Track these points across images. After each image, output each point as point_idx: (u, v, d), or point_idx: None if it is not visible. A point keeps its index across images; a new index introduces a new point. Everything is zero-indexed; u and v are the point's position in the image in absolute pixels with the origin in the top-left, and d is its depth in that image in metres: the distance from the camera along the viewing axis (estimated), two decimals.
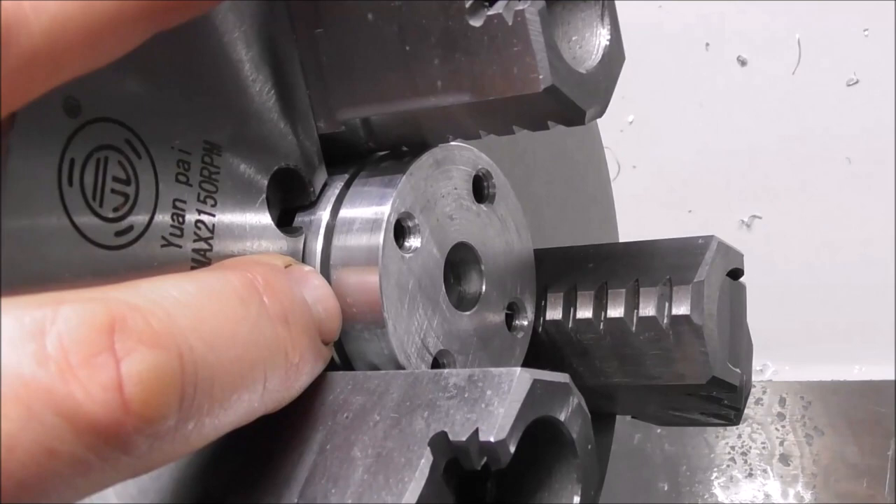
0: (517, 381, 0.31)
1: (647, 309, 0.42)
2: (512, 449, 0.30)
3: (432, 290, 0.39)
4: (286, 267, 0.36)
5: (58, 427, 0.24)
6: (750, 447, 0.93)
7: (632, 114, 1.00)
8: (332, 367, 0.37)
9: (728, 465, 0.94)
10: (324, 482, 0.32)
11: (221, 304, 0.30)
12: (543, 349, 0.45)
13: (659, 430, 0.96)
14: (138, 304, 0.27)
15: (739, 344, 0.47)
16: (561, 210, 0.56)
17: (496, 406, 0.31)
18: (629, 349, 0.43)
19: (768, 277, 0.93)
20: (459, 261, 0.42)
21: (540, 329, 0.45)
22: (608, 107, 0.37)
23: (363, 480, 0.31)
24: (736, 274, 0.45)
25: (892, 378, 0.89)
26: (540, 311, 0.45)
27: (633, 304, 0.43)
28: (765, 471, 0.93)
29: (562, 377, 0.33)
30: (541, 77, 0.33)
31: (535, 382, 0.32)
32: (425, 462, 0.30)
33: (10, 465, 0.24)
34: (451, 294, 0.41)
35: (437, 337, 0.39)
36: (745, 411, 0.92)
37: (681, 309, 0.41)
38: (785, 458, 0.92)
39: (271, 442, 0.35)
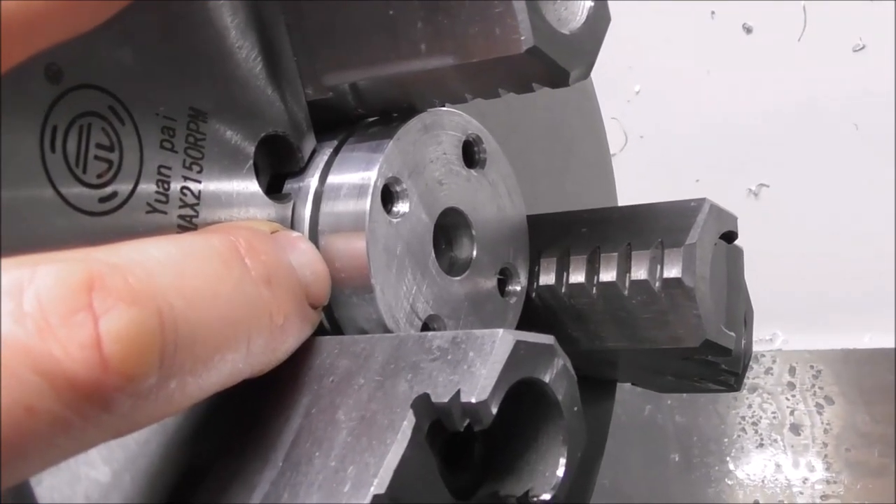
0: (499, 342, 0.31)
1: (639, 272, 0.42)
2: (494, 410, 0.30)
3: (421, 255, 0.39)
4: (272, 233, 0.36)
5: (36, 385, 0.24)
6: (760, 417, 0.93)
7: (638, 84, 0.99)
8: (321, 332, 0.37)
9: (739, 436, 0.94)
10: (308, 445, 0.32)
11: (203, 264, 0.30)
12: (537, 314, 0.45)
13: (669, 402, 0.96)
14: (118, 263, 0.27)
15: (736, 308, 0.47)
16: (559, 179, 0.55)
17: (478, 367, 0.31)
18: (623, 313, 0.43)
19: (777, 246, 0.93)
20: (451, 226, 0.42)
21: (533, 294, 0.45)
22: (593, 68, 0.36)
23: (346, 443, 0.31)
24: (730, 237, 0.44)
25: None
26: (533, 276, 0.45)
27: (625, 268, 0.43)
28: (775, 441, 0.93)
29: (546, 338, 0.33)
30: (522, 38, 0.33)
31: (518, 343, 0.32)
32: (407, 424, 0.30)
33: None
34: (442, 259, 0.41)
35: (426, 301, 0.39)
36: (756, 381, 0.93)
37: (672, 272, 0.41)
38: (795, 428, 0.92)
39: (260, 407, 0.35)
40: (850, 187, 0.92)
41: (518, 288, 0.44)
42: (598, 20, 0.36)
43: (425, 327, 0.39)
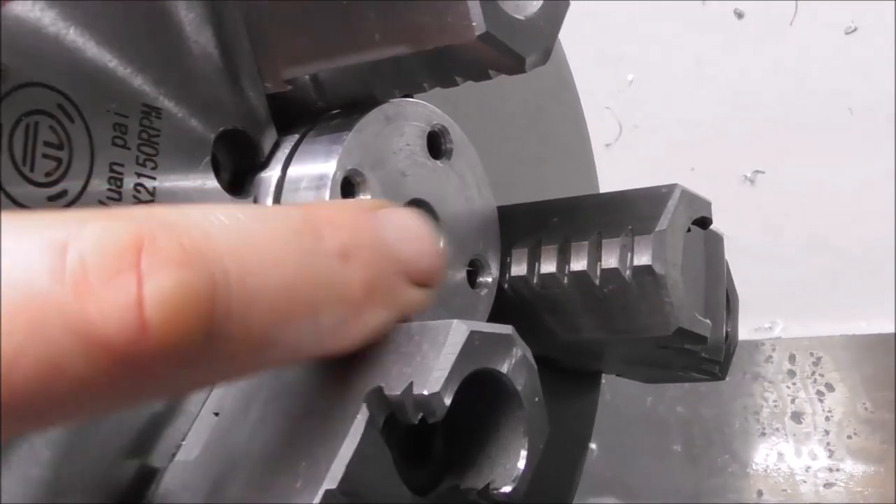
0: (453, 332, 0.31)
1: (610, 261, 0.42)
2: (447, 401, 0.30)
3: None
4: (371, 209, 0.33)
5: (66, 343, 0.23)
6: (762, 406, 0.93)
7: (631, 73, 0.99)
8: None
9: (740, 425, 0.93)
10: (263, 440, 0.32)
11: (270, 232, 0.28)
12: (511, 306, 0.45)
13: (671, 393, 0.95)
14: (175, 222, 0.26)
15: (716, 295, 0.46)
16: (538, 168, 0.55)
17: (431, 359, 0.30)
18: (595, 302, 0.43)
19: (773, 232, 0.92)
20: None
21: (506, 286, 0.44)
22: (551, 55, 0.36)
23: (301, 438, 0.31)
24: (704, 223, 0.44)
25: None
26: (505, 267, 0.44)
27: (595, 257, 0.42)
28: (777, 429, 0.92)
29: (504, 328, 0.33)
30: (474, 24, 0.33)
31: (473, 334, 0.31)
32: (360, 417, 0.30)
33: (13, 378, 0.23)
34: None
35: None
36: (756, 369, 0.92)
37: (643, 259, 0.41)
38: (797, 416, 0.91)
39: (220, 403, 0.35)
40: (847, 172, 0.91)
41: (489, 280, 0.43)
42: (556, 5, 0.36)
43: None
